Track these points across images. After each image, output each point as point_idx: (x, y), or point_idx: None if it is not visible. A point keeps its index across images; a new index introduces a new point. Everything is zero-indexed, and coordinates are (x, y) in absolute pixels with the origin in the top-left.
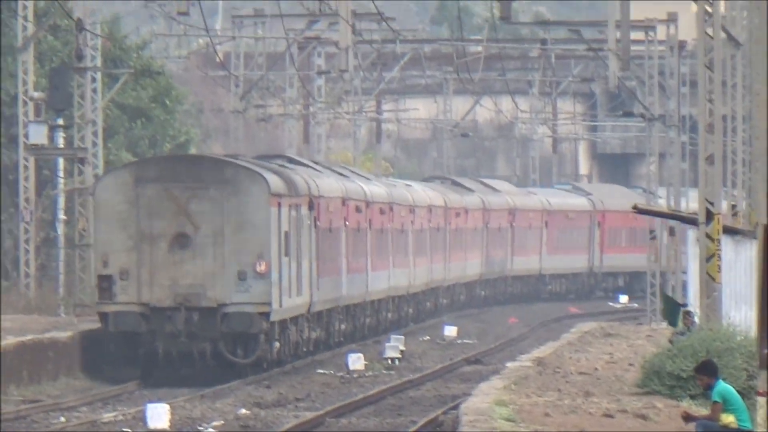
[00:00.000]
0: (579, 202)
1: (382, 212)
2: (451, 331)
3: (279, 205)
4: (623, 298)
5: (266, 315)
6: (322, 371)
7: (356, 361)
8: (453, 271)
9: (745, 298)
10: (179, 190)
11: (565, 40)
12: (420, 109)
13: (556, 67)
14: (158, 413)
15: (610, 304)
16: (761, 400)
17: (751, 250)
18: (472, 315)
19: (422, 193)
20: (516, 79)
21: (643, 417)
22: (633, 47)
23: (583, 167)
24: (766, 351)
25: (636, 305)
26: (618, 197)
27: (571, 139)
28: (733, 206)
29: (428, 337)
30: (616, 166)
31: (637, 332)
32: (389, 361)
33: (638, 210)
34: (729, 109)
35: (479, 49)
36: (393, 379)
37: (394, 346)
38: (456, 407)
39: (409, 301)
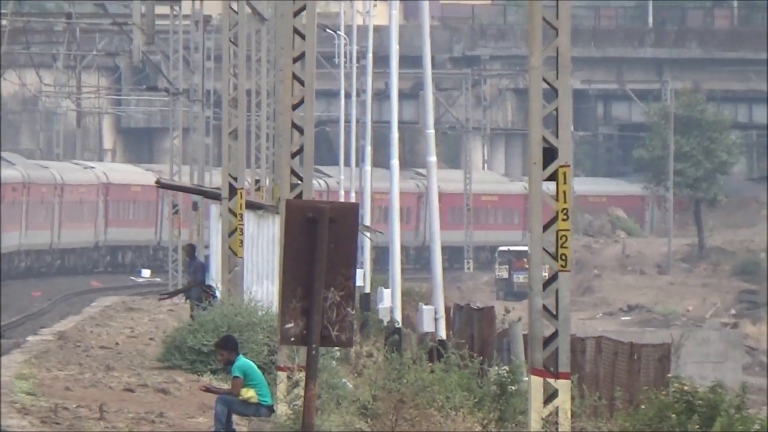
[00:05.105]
0: (86, 176)
1: None
2: None
3: None
4: (146, 272)
5: None
6: None
7: None
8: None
9: (267, 272)
10: None
11: (90, 14)
12: None
13: (81, 41)
14: None
15: (132, 278)
16: (281, 374)
17: (273, 225)
18: None
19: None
20: (40, 53)
21: (164, 391)
22: (158, 21)
23: (108, 142)
24: (286, 326)
25: (159, 279)
26: (123, 172)
27: (95, 113)
28: (257, 181)
29: None
30: (140, 141)
31: (158, 306)
32: None
33: (161, 184)
34: (254, 83)
35: (4, 23)
36: None
37: None
38: None
39: None
